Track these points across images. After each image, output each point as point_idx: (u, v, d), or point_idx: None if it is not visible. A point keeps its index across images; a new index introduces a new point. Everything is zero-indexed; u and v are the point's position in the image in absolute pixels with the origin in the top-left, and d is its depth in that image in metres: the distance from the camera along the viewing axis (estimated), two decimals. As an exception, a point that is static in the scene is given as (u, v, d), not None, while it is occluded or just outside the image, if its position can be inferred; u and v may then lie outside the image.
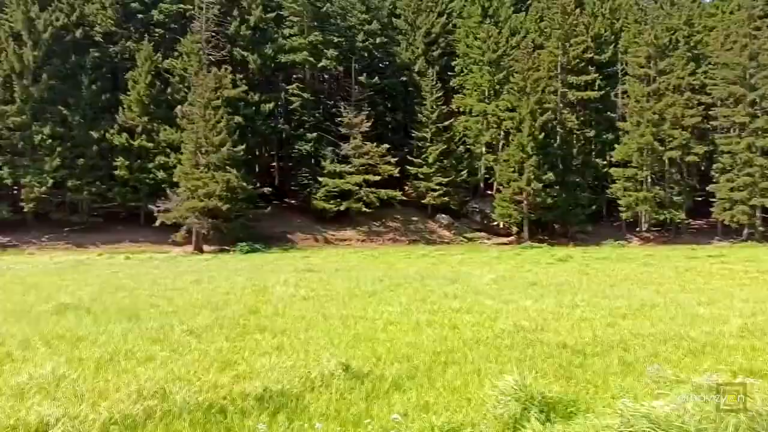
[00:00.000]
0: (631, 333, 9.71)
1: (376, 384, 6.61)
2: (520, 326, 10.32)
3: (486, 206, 49.70)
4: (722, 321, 10.97)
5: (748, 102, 45.10)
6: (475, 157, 51.56)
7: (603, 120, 51.90)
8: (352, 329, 10.16)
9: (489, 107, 50.08)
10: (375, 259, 29.61)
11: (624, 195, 46.58)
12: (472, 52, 52.42)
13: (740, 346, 8.82)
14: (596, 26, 53.14)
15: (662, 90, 47.23)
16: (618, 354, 8.27)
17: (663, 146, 45.98)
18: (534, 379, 6.07)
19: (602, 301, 13.50)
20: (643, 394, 6.09)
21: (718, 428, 4.28)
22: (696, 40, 51.62)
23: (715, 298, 14.11)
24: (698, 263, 25.43)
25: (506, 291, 15.76)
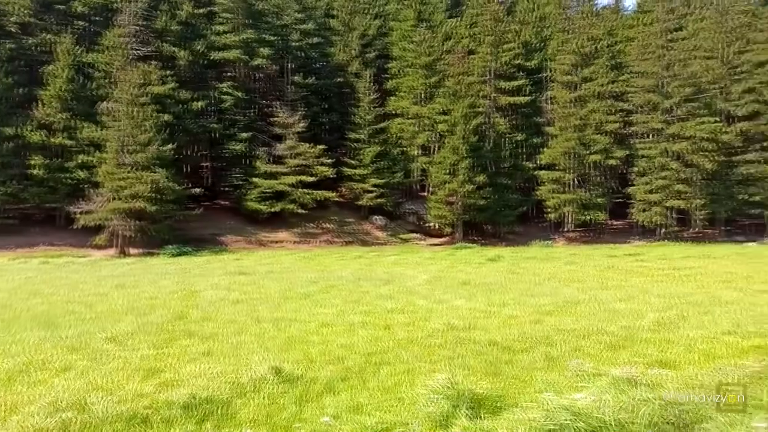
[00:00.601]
0: (555, 329, 10.13)
1: (308, 387, 6.55)
2: (451, 325, 10.54)
3: (420, 208, 50.37)
4: (639, 316, 11.64)
5: (663, 109, 48.05)
6: (409, 159, 52.13)
7: (531, 124, 53.79)
8: (285, 332, 10.02)
9: (423, 110, 50.80)
10: (309, 261, 29.35)
11: (551, 197, 48.46)
12: (407, 55, 53.01)
13: (654, 339, 9.39)
14: (525, 34, 55.04)
15: (586, 96, 49.54)
16: (543, 349, 8.61)
17: (586, 150, 48.20)
18: (464, 377, 6.22)
19: (529, 299, 14.00)
20: (565, 387, 6.36)
21: (632, 417, 4.53)
22: (617, 49, 54.47)
23: (632, 295, 14.95)
24: (617, 261, 26.84)
25: (439, 291, 16.04)
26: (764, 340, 9.40)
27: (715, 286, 17.10)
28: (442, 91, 49.25)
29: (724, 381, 6.31)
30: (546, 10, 60.26)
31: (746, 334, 9.93)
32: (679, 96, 46.87)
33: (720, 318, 11.47)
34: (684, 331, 9.98)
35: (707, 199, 46.62)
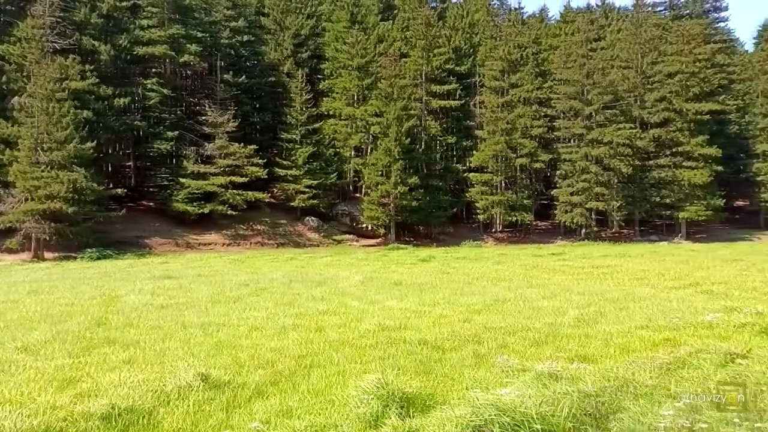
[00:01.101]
0: (484, 327, 10.40)
1: (237, 392, 6.40)
2: (384, 326, 10.61)
3: (354, 209, 50.45)
4: (561, 313, 12.15)
5: (584, 115, 50.55)
6: (343, 160, 52.11)
7: (462, 128, 55.13)
8: (214, 337, 9.75)
9: (357, 111, 50.92)
10: (240, 264, 28.70)
11: (480, 198, 49.84)
12: (341, 56, 52.98)
13: (575, 335, 9.83)
14: (456, 39, 56.34)
15: (513, 102, 51.34)
16: (472, 347, 8.82)
17: (514, 154, 49.94)
18: (395, 377, 6.26)
19: (460, 299, 14.31)
20: (493, 384, 6.54)
21: (554, 410, 4.72)
22: (542, 57, 56.82)
23: (556, 292, 15.59)
24: (543, 261, 27.93)
25: (372, 292, 16.10)
26: (674, 333, 10.04)
27: (631, 283, 18.12)
28: (376, 93, 49.56)
29: (638, 373, 6.70)
30: (476, 17, 61.96)
31: (658, 327, 10.58)
32: (598, 103, 49.42)
33: (635, 313, 12.15)
34: (602, 327, 10.50)
35: (624, 201, 49.45)
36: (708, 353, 7.89)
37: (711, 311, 11.84)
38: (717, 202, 50.17)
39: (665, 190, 50.28)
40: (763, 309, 11.99)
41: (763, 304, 12.90)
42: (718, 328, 10.31)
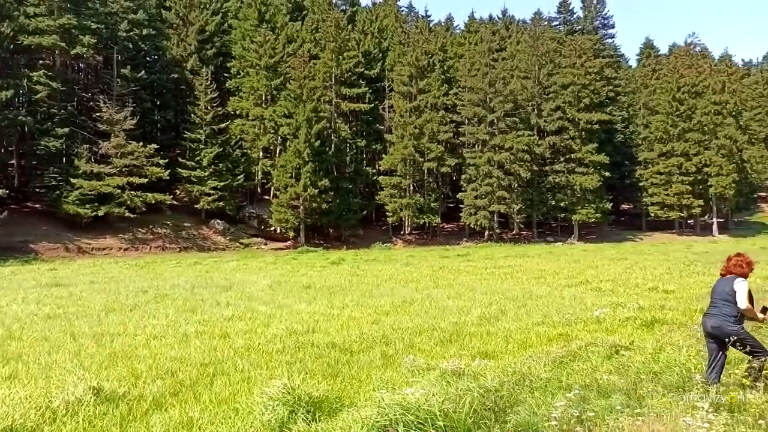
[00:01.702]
0: (392, 328, 10.56)
1: (133, 405, 6.06)
2: (292, 330, 10.47)
3: (263, 211, 49.40)
4: (466, 312, 12.60)
5: (488, 122, 52.75)
6: (252, 161, 50.88)
7: (372, 131, 55.70)
8: (108, 348, 9.17)
9: (266, 112, 49.94)
10: (140, 269, 27.20)
11: (390, 201, 50.58)
12: (249, 55, 51.74)
13: (479, 333, 10.23)
14: (366, 43, 56.85)
15: (422, 107, 52.59)
16: (381, 348, 8.92)
17: (422, 158, 51.16)
18: (303, 381, 6.19)
19: (369, 300, 14.44)
20: (400, 384, 6.65)
21: (456, 406, 4.88)
22: (449, 65, 58.68)
23: (461, 292, 16.15)
24: (449, 262, 28.83)
25: (281, 296, 15.85)
26: (567, 328, 10.71)
27: (530, 282, 19.14)
28: (285, 94, 48.87)
29: (534, 367, 7.09)
30: (385, 22, 62.85)
31: (553, 323, 11.24)
32: (500, 111, 51.77)
33: (533, 311, 12.84)
34: (503, 324, 11.00)
35: (524, 204, 52.14)
36: (596, 346, 8.49)
37: (599, 307, 12.77)
38: (605, 206, 54.19)
39: (560, 194, 53.60)
40: (644, 304, 13.10)
41: (644, 299, 14.10)
42: (606, 322, 11.13)
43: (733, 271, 5.84)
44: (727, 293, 5.76)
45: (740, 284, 5.66)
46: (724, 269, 6.00)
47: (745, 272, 5.79)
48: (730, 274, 5.87)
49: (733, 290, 5.71)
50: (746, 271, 5.80)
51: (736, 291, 5.66)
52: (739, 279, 5.72)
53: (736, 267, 5.83)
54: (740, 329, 5.66)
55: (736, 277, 5.77)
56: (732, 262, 5.92)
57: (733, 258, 5.97)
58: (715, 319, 5.78)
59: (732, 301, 5.70)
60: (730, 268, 5.90)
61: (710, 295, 6.10)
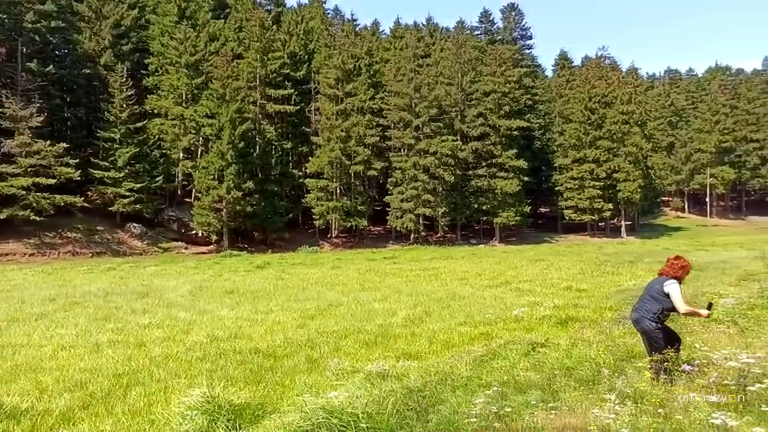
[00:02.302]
0: (318, 332, 10.49)
1: (38, 421, 5.67)
2: (214, 336, 10.17)
3: (184, 214, 47.63)
4: (392, 314, 12.72)
5: (413, 127, 53.60)
6: (172, 162, 48.94)
7: (299, 133, 55.14)
8: (10, 360, 8.52)
9: (187, 111, 48.24)
10: (47, 276, 25.45)
11: (317, 204, 50.24)
12: (168, 52, 49.81)
13: (404, 334, 10.36)
14: (292, 44, 56.23)
15: (349, 110, 52.67)
16: (306, 353, 8.84)
17: (350, 161, 51.21)
18: (224, 389, 6.02)
19: (294, 305, 14.26)
20: (325, 387, 6.62)
21: (380, 408, 4.91)
22: (375, 69, 59.13)
23: (388, 294, 16.29)
24: (376, 264, 29.00)
25: (202, 301, 15.34)
26: (488, 327, 11.06)
27: (454, 283, 19.60)
28: (208, 94, 47.42)
29: (456, 366, 7.26)
30: (311, 24, 62.48)
31: (476, 323, 11.57)
32: (426, 116, 52.75)
33: (456, 311, 13.15)
34: (428, 325, 11.20)
35: (448, 208, 53.35)
36: (515, 344, 8.82)
37: (519, 306, 13.28)
38: (525, 209, 56.47)
39: (483, 197, 55.31)
40: (559, 303, 13.76)
41: (559, 298, 14.80)
42: (524, 321, 11.59)
43: (668, 272, 6.00)
44: (656, 291, 5.96)
45: (671, 286, 5.81)
46: (661, 269, 6.15)
47: (678, 275, 5.92)
48: (665, 275, 6.03)
49: (662, 290, 5.88)
50: (679, 274, 5.93)
51: (669, 293, 5.81)
52: (671, 281, 5.86)
53: (671, 269, 5.98)
54: (655, 327, 5.90)
55: (668, 278, 5.93)
56: (668, 264, 6.07)
57: (670, 260, 6.12)
58: (636, 313, 6.12)
59: (657, 299, 5.90)
60: (666, 269, 6.07)
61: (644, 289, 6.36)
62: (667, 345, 5.87)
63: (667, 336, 5.99)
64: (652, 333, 5.92)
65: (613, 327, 9.67)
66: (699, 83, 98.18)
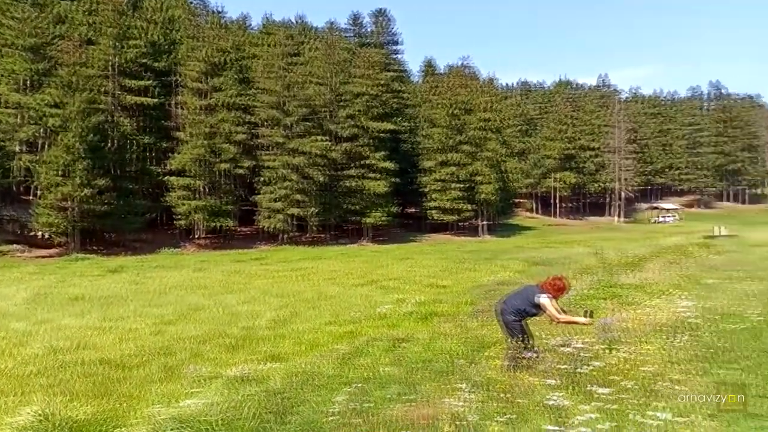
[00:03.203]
0: (176, 338, 9.94)
1: None
2: (55, 348, 9.23)
3: (24, 214, 42.56)
4: (258, 316, 12.43)
5: (284, 125, 52.79)
6: (9, 155, 43.47)
7: (160, 128, 51.79)
8: None
9: (28, 100, 43.18)
10: None
11: (181, 203, 47.57)
12: (6, 32, 44.24)
13: (269, 337, 10.16)
14: (152, 32, 52.70)
15: (216, 105, 50.53)
16: (162, 361, 8.32)
17: (217, 158, 49.16)
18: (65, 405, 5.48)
19: (152, 310, 13.39)
20: (181, 396, 6.27)
21: (238, 413, 4.76)
22: (244, 64, 57.31)
23: (255, 296, 15.88)
24: (244, 266, 28.17)
25: (42, 310, 13.84)
26: (355, 326, 11.22)
27: (323, 283, 19.64)
28: (54, 81, 42.81)
29: (321, 365, 7.26)
30: (174, 13, 59.09)
31: (342, 322, 11.68)
32: (297, 115, 52.26)
33: (324, 311, 13.19)
34: (294, 326, 11.10)
35: (320, 208, 53.32)
36: (380, 341, 9.04)
37: (385, 304, 13.64)
38: (393, 209, 58.15)
39: (353, 198, 56.01)
40: (422, 299, 14.35)
41: (423, 294, 15.44)
42: (390, 317, 11.93)
43: (545, 287, 6.28)
44: (529, 296, 6.29)
45: (543, 299, 6.13)
46: (542, 282, 6.41)
47: (551, 294, 6.21)
48: (542, 288, 6.29)
49: (534, 300, 6.18)
50: (552, 293, 6.21)
51: (541, 305, 6.13)
52: (544, 295, 6.17)
53: (548, 286, 6.26)
54: (514, 319, 6.34)
55: (543, 293, 6.23)
56: (548, 280, 6.36)
57: (553, 278, 6.41)
58: (502, 305, 6.52)
59: (526, 302, 6.25)
60: (544, 284, 6.34)
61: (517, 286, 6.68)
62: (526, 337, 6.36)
63: (525, 331, 6.47)
64: (510, 324, 6.38)
65: (470, 320, 10.28)
66: (547, 95, 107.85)
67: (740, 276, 11.31)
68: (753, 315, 6.88)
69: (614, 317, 7.84)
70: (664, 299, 8.83)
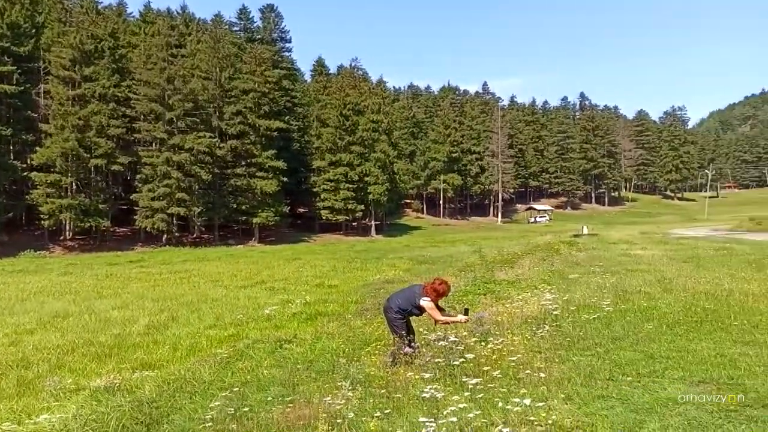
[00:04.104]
0: (36, 348, 9.08)
1: None
2: None
3: None
4: (132, 322, 11.68)
5: (166, 120, 50.08)
6: None
7: (22, 119, 46.97)
8: None
9: None
10: None
11: (46, 201, 43.46)
12: None
13: (144, 343, 9.58)
14: (13, 14, 47.59)
15: (88, 96, 46.73)
16: (17, 373, 7.57)
17: (88, 153, 45.49)
18: None
19: (7, 319, 12.13)
20: (37, 411, 5.75)
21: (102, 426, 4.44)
22: (121, 53, 53.55)
23: (129, 301, 14.90)
24: (119, 269, 26.32)
25: None
26: (238, 328, 10.91)
27: (206, 285, 18.88)
28: None
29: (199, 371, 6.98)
30: (40, -7, 53.86)
31: (225, 325, 11.31)
32: (180, 109, 49.81)
33: (206, 314, 12.68)
34: (173, 331, 10.57)
35: (205, 207, 51.22)
36: (263, 343, 8.85)
37: (271, 305, 13.38)
38: (284, 209, 57.30)
39: (241, 197, 54.45)
40: (310, 299, 14.27)
41: (310, 295, 15.35)
42: (275, 319, 11.72)
43: (426, 290, 6.40)
44: (413, 296, 6.43)
45: (424, 302, 6.29)
46: (426, 285, 6.51)
47: (431, 297, 6.33)
48: (425, 290, 6.40)
49: (416, 301, 6.33)
50: (432, 296, 6.34)
51: (422, 306, 6.29)
52: (425, 298, 6.31)
53: (428, 288, 6.39)
54: (396, 316, 6.49)
55: (426, 295, 6.34)
56: (430, 284, 6.48)
57: (434, 281, 6.53)
58: (388, 302, 6.64)
59: (409, 302, 6.39)
60: (427, 287, 6.44)
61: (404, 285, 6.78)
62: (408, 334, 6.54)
63: (407, 328, 6.64)
64: (394, 321, 6.54)
65: (355, 319, 10.39)
66: (434, 100, 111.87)
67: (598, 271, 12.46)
68: (605, 305, 7.61)
69: (488, 312, 8.31)
70: (533, 293, 9.49)
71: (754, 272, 11.35)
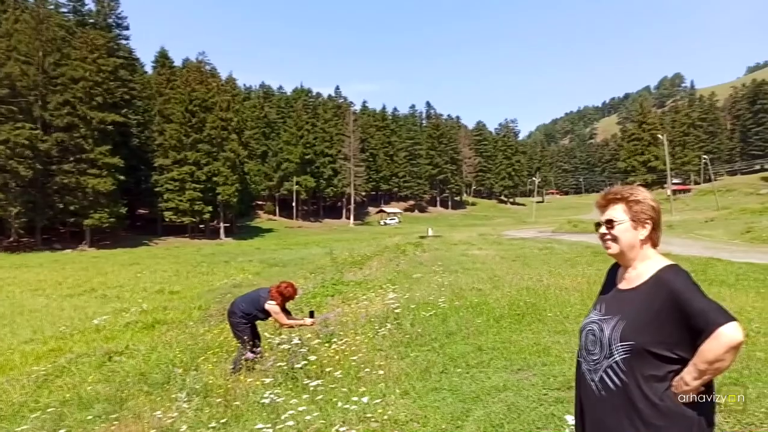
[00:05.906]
0: None
1: None
2: None
3: None
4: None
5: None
6: None
7: None
8: None
9: None
10: None
11: None
12: None
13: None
14: None
15: None
16: None
17: None
18: None
19: None
20: None
21: None
22: None
23: None
24: None
25: None
26: (61, 342, 9.84)
27: (24, 295, 16.76)
28: None
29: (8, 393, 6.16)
30: None
31: (46, 339, 10.14)
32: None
33: (22, 328, 11.27)
34: (-23, 349, 9.23)
35: (24, 207, 45.41)
36: (90, 356, 8.07)
37: (102, 315, 12.25)
38: (121, 210, 52.74)
39: (70, 196, 49.12)
40: (148, 307, 13.31)
41: (148, 302, 14.33)
42: (106, 330, 10.76)
43: (272, 293, 6.33)
44: (258, 299, 6.33)
45: (270, 306, 6.23)
46: (272, 289, 6.43)
47: (276, 300, 6.28)
48: (271, 294, 6.33)
49: (261, 305, 6.26)
50: (277, 300, 6.29)
51: (268, 310, 6.24)
52: (270, 302, 6.24)
53: (274, 292, 6.33)
54: (241, 322, 6.31)
55: (271, 299, 6.28)
56: (275, 287, 6.41)
57: (279, 284, 6.46)
58: (232, 306, 6.42)
59: (254, 305, 6.32)
60: (272, 290, 6.38)
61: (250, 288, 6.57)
62: (252, 339, 6.36)
63: (252, 333, 6.48)
64: (237, 326, 6.35)
65: (198, 326, 9.90)
66: (287, 100, 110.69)
67: (438, 270, 13.23)
68: (441, 302, 8.10)
69: (334, 312, 8.41)
70: (378, 293, 9.80)
71: (568, 269, 12.83)
